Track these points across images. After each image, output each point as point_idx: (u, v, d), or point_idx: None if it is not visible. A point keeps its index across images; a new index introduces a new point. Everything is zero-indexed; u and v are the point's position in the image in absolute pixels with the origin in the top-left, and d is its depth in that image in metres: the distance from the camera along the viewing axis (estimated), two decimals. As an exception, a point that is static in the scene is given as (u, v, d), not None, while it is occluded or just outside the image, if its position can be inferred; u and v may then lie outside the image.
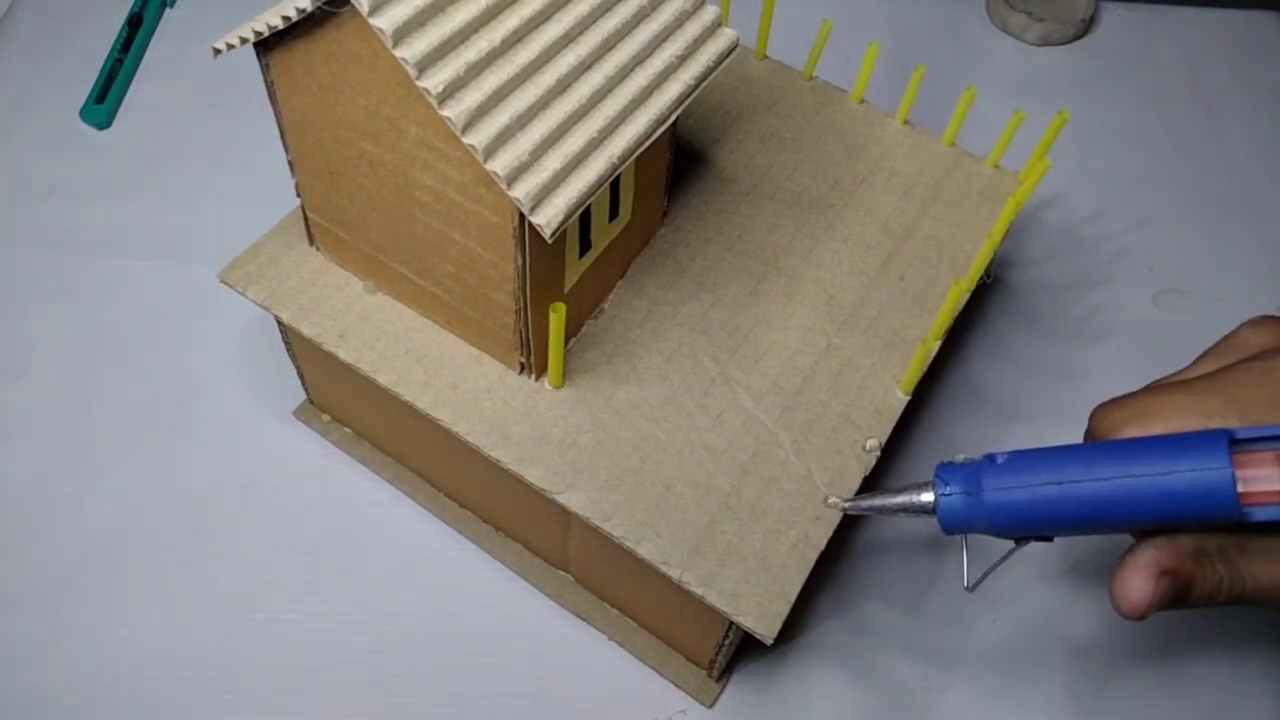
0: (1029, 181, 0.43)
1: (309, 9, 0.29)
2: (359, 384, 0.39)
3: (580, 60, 0.31)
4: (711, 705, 0.41)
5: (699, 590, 0.33)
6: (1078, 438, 0.52)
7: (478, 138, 0.29)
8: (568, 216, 0.30)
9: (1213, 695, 0.43)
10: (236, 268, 0.40)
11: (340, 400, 0.46)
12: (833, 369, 0.39)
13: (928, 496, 0.31)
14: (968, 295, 0.40)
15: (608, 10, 0.32)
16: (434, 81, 0.28)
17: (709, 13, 0.35)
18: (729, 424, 0.37)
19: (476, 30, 0.29)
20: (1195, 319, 0.55)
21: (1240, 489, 0.26)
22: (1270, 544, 0.29)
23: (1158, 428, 0.29)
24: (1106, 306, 0.55)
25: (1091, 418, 0.32)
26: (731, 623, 0.34)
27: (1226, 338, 0.33)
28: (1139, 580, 0.28)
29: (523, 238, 0.31)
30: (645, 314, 0.40)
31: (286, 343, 0.44)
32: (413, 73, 0.28)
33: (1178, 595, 0.29)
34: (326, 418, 0.48)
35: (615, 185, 0.36)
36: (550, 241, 0.30)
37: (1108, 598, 0.45)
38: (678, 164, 0.43)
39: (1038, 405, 0.50)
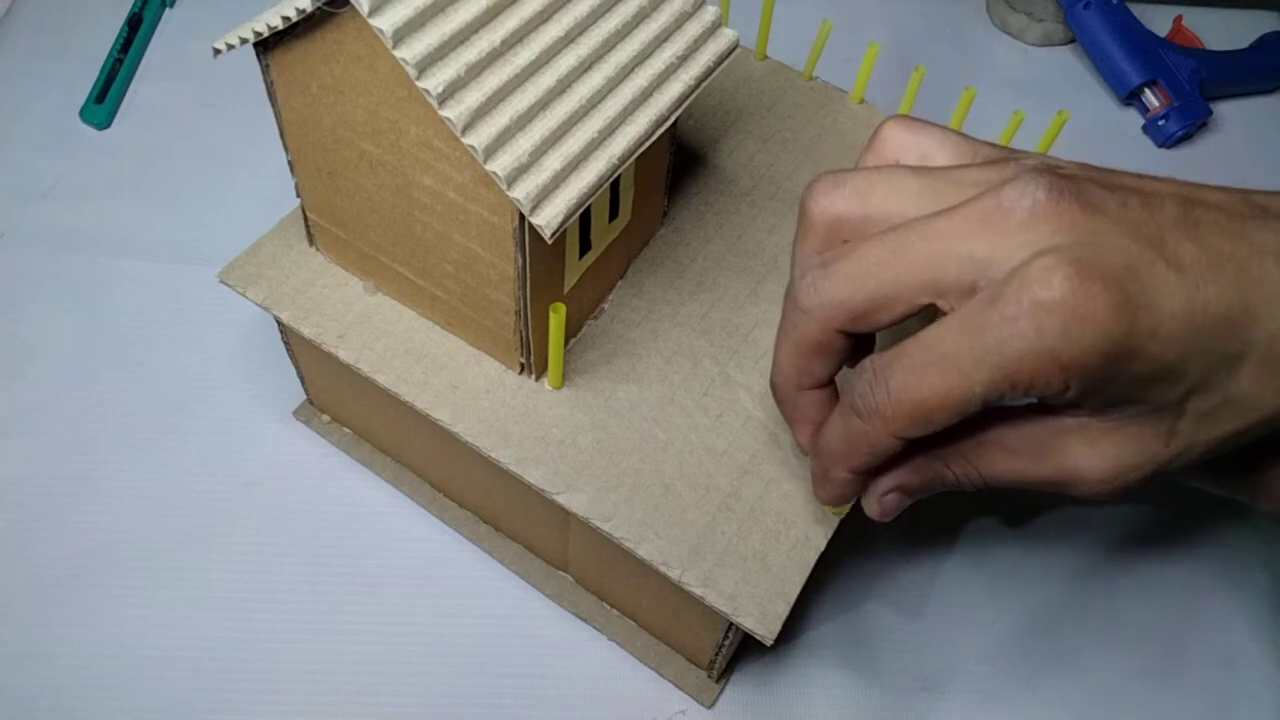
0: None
1: (309, 9, 0.29)
2: (359, 384, 0.39)
3: (580, 61, 0.31)
4: (711, 706, 0.41)
5: (699, 591, 0.33)
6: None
7: (478, 138, 0.29)
8: (568, 217, 0.30)
9: (1210, 696, 0.43)
10: (236, 268, 0.40)
11: (340, 400, 0.46)
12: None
13: None
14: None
15: (608, 11, 0.32)
16: (434, 82, 0.28)
17: (709, 13, 0.35)
18: (729, 424, 0.37)
19: (476, 31, 0.29)
20: (1195, 319, 0.55)
21: None
22: (1003, 437, 0.29)
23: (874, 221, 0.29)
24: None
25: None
26: (731, 623, 0.34)
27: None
28: (873, 500, 0.32)
29: (522, 238, 0.31)
30: (645, 314, 0.40)
31: (286, 343, 0.44)
32: (413, 73, 0.28)
33: (917, 494, 0.31)
34: (326, 418, 0.48)
35: (615, 186, 0.36)
36: (550, 242, 0.30)
37: (1109, 600, 0.45)
38: (678, 164, 0.43)
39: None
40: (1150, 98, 0.63)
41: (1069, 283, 0.24)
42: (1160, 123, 0.62)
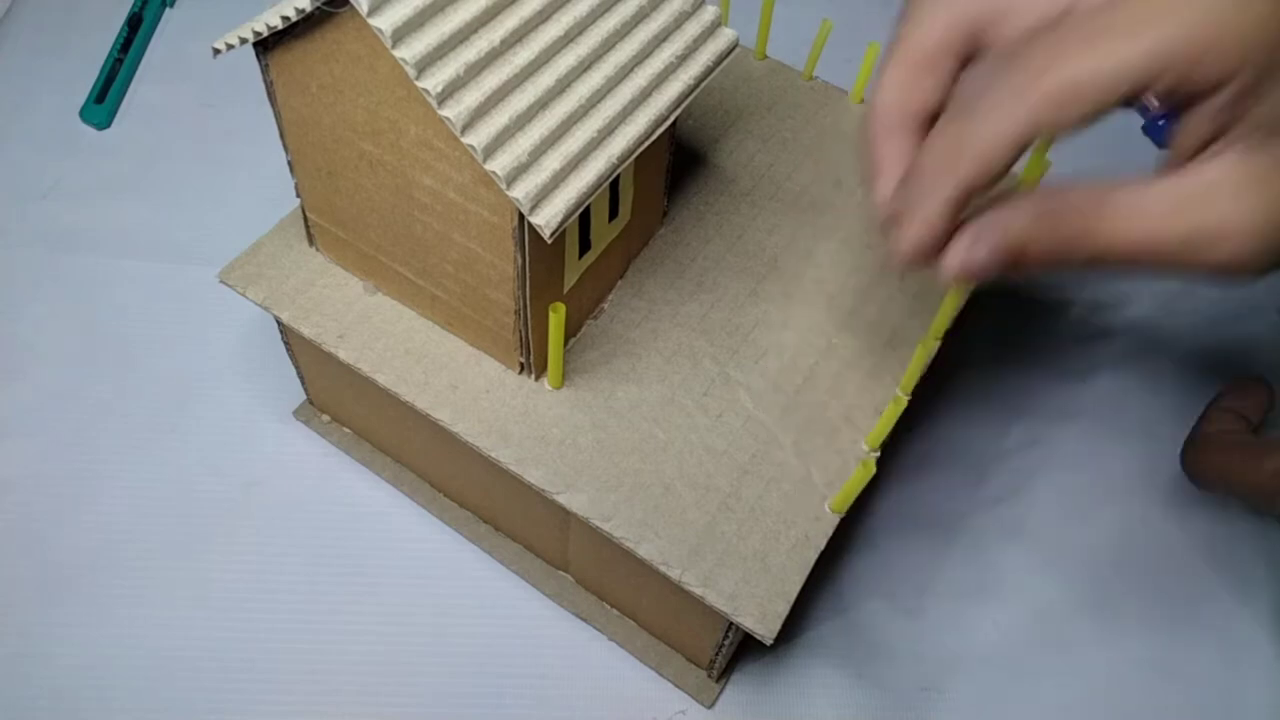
0: (1029, 181, 0.43)
1: (308, 9, 0.29)
2: (359, 384, 0.39)
3: (580, 60, 0.31)
4: (711, 705, 0.41)
5: (699, 590, 0.33)
6: (1078, 437, 0.52)
7: (477, 138, 0.29)
8: (567, 217, 0.30)
9: (1211, 695, 0.43)
10: (236, 268, 0.40)
11: (340, 400, 0.46)
12: (833, 369, 0.39)
13: None
14: (968, 295, 0.40)
15: (607, 10, 0.32)
16: (433, 82, 0.28)
17: (708, 13, 0.35)
18: (729, 424, 0.37)
19: (476, 30, 0.29)
20: (1195, 319, 0.55)
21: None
22: (1133, 194, 0.25)
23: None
24: (1106, 306, 0.55)
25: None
26: (731, 623, 0.34)
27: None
28: (958, 249, 0.26)
29: (522, 238, 0.31)
30: (645, 314, 0.40)
31: (286, 343, 0.44)
32: (412, 73, 0.28)
33: (1010, 259, 0.26)
34: (326, 418, 0.48)
35: (615, 185, 0.36)
36: (550, 242, 0.30)
37: (1110, 599, 0.45)
38: (677, 164, 0.43)
39: (1038, 405, 0.50)
40: (1150, 98, 0.63)
41: None
42: (1160, 123, 0.61)
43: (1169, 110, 0.26)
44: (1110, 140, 0.63)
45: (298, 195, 0.38)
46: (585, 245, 0.36)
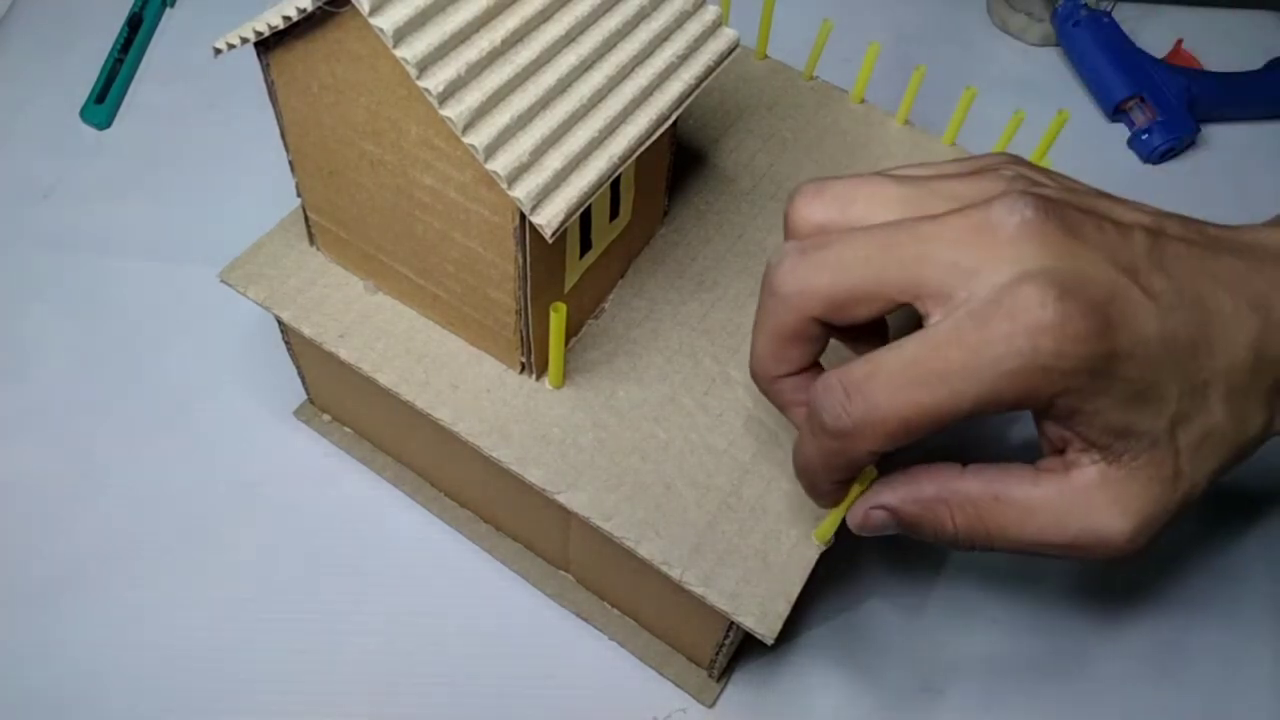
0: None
1: (309, 9, 0.29)
2: (360, 384, 0.39)
3: (581, 60, 0.31)
4: (712, 705, 0.41)
5: (700, 590, 0.33)
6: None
7: (478, 137, 0.29)
8: (568, 216, 0.30)
9: (1210, 694, 0.43)
10: (237, 268, 0.40)
11: (341, 400, 0.46)
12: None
13: None
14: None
15: (608, 10, 0.32)
16: (435, 81, 0.28)
17: (709, 12, 0.36)
18: (730, 423, 0.37)
19: (477, 30, 0.29)
20: (1195, 319, 0.55)
21: None
22: (1026, 496, 0.29)
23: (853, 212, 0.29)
24: (1106, 306, 0.55)
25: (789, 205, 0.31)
26: (732, 622, 0.34)
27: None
28: (860, 508, 0.31)
29: (523, 237, 0.31)
30: (646, 313, 0.40)
31: (287, 342, 0.44)
32: (413, 72, 0.28)
33: (906, 528, 0.31)
34: (327, 418, 0.48)
35: (616, 185, 0.36)
36: (551, 241, 0.30)
37: (1109, 598, 0.45)
38: (678, 164, 0.43)
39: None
40: (1137, 112, 0.63)
41: (1061, 305, 0.25)
42: (1144, 136, 0.62)
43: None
44: (1099, 148, 0.64)
45: (298, 195, 0.38)
46: (586, 245, 0.36)
